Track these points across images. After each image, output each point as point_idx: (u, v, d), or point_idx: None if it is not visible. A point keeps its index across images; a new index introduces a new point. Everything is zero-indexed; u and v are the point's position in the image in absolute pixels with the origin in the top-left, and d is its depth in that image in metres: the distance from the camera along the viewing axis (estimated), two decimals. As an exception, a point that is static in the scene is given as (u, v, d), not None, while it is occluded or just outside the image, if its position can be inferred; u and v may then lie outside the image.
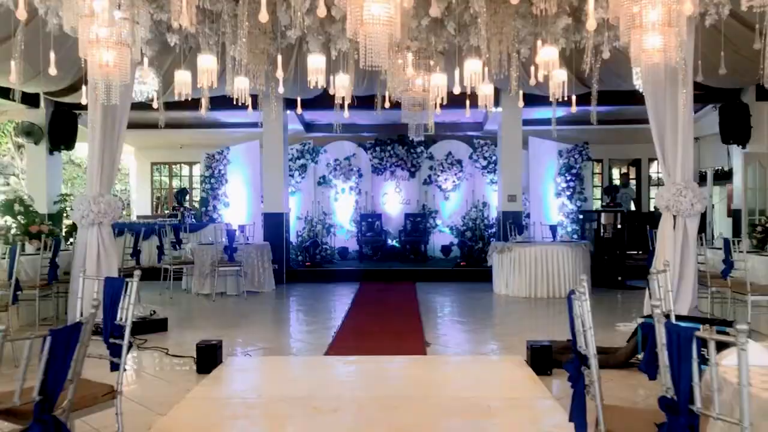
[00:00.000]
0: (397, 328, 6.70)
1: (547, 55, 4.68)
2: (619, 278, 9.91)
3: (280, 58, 5.00)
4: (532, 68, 5.88)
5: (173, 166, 14.91)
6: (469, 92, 5.42)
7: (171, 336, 6.42)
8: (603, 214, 10.53)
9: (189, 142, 13.96)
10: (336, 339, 6.13)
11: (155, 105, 7.02)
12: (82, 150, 16.21)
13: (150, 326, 6.51)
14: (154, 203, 14.85)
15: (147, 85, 7.40)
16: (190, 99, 6.31)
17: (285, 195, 10.96)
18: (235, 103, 6.19)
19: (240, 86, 5.95)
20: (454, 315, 7.83)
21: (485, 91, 5.94)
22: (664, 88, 6.33)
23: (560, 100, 6.95)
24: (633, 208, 12.10)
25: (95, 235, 6.66)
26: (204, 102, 6.84)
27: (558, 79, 5.20)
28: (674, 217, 6.51)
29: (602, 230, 10.35)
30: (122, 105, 6.75)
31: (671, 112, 6.41)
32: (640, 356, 4.64)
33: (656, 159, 14.63)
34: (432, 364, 5.20)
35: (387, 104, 7.01)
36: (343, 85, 5.69)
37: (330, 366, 5.14)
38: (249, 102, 6.09)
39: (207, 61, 4.77)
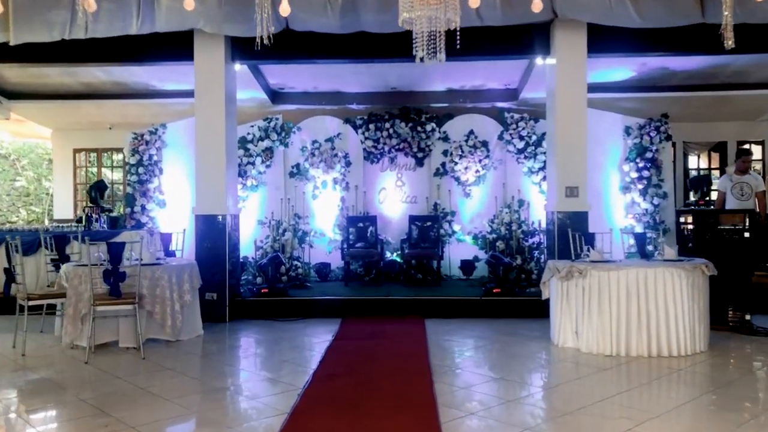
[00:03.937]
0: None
1: None
2: (747, 317, 6.30)
3: None
4: None
5: (102, 154, 11.35)
6: None
7: None
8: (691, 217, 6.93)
9: (119, 121, 10.43)
10: None
11: None
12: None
13: None
14: (83, 202, 11.24)
15: None
16: None
17: (230, 189, 7.42)
18: None
19: None
20: (496, 403, 4.19)
21: None
22: None
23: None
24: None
25: None
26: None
27: None
28: None
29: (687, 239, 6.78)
30: None
31: None
32: None
33: (749, 142, 10.65)
34: None
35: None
36: None
37: None
38: None
39: None
